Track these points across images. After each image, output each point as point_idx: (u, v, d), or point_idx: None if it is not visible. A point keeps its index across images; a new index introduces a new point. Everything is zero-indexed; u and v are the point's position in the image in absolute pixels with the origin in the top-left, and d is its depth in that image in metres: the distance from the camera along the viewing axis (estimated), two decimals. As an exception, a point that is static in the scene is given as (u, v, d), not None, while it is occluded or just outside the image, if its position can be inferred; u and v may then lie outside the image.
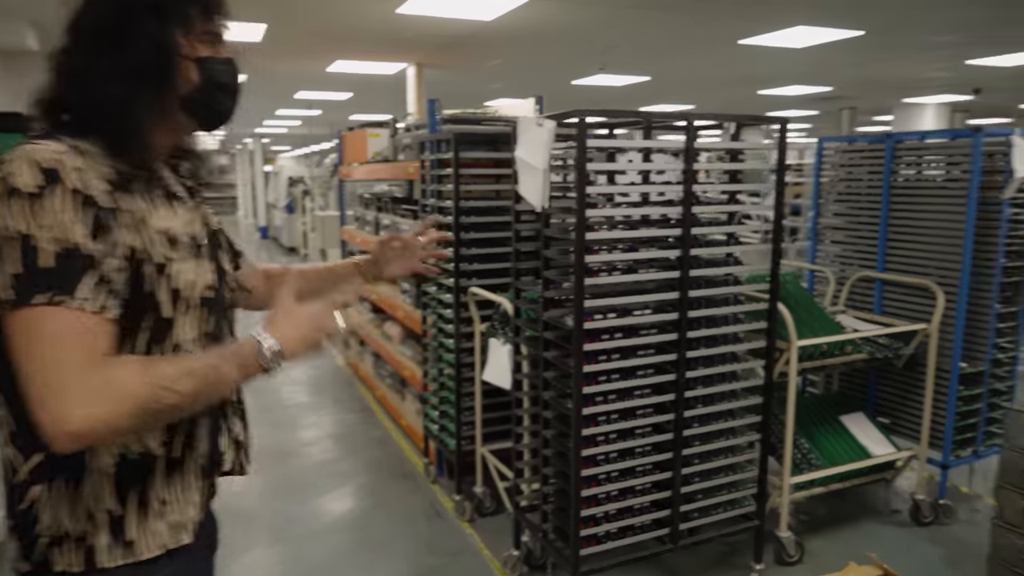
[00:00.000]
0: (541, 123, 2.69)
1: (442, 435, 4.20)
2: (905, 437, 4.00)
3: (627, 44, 6.94)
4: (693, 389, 2.94)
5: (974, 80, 9.45)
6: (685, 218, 2.78)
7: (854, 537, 3.69)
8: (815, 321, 3.58)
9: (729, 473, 3.13)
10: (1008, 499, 2.86)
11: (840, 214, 4.38)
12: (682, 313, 2.84)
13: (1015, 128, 3.61)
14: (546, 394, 2.96)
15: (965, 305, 3.69)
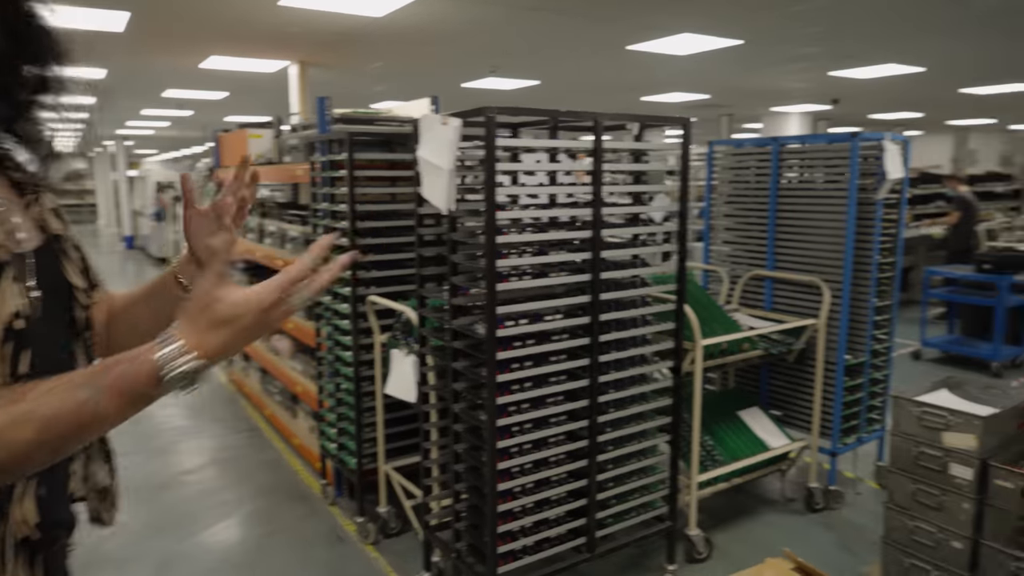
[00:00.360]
0: (446, 122, 2.55)
1: (341, 453, 3.95)
2: (796, 428, 4.17)
3: (519, 47, 6.92)
4: (606, 393, 2.90)
5: (833, 91, 10.20)
6: (594, 220, 2.73)
7: (756, 528, 3.80)
8: (715, 320, 3.65)
9: (642, 476, 3.11)
10: (898, 483, 3.00)
11: (730, 215, 4.53)
12: (594, 317, 2.78)
13: (885, 133, 3.85)
14: (456, 406, 2.82)
15: (848, 300, 3.89)
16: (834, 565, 3.43)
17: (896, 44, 6.64)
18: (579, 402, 2.82)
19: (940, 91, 10.01)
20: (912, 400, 2.93)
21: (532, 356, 2.70)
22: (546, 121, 2.92)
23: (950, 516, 2.83)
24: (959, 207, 8.64)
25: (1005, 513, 2.66)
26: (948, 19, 5.51)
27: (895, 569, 3.03)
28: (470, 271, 2.76)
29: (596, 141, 2.66)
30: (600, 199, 2.71)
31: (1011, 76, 8.87)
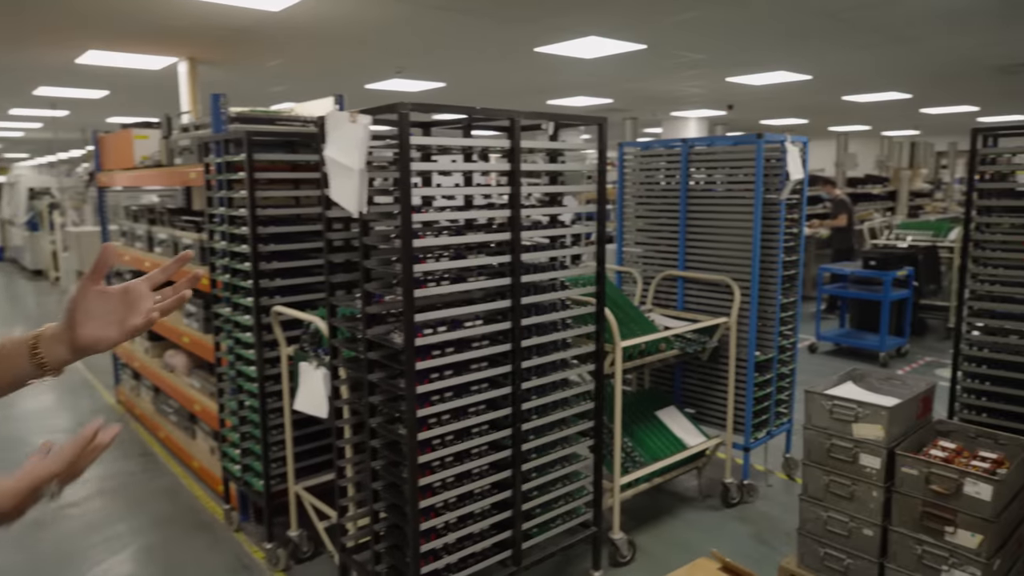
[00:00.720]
0: (355, 119, 2.39)
1: (246, 475, 3.68)
2: (710, 425, 4.25)
3: (425, 47, 6.78)
4: (529, 400, 2.81)
5: (728, 97, 10.64)
6: (513, 222, 2.64)
7: (676, 527, 3.82)
8: (632, 322, 3.65)
9: (566, 483, 3.05)
10: (812, 475, 3.08)
11: (642, 216, 4.57)
12: (515, 322, 2.70)
13: (786, 135, 3.98)
14: (373, 421, 2.66)
15: (756, 298, 3.99)
16: (753, 558, 3.49)
17: (785, 53, 6.96)
18: (502, 411, 2.72)
19: (824, 98, 10.64)
20: (823, 394, 3.02)
21: (452, 365, 2.58)
22: (461, 120, 2.81)
23: (861, 505, 2.92)
24: (842, 209, 9.18)
25: (911, 499, 2.77)
26: (829, 31, 5.82)
27: (811, 559, 3.11)
28: (384, 277, 2.61)
29: (513, 140, 2.58)
30: (518, 200, 2.63)
31: (886, 86, 9.53)
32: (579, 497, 3.12)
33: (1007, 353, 3.57)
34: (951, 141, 16.44)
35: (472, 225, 2.85)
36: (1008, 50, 6.79)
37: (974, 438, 3.06)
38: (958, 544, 2.67)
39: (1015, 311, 3.55)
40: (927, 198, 14.84)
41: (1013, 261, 3.56)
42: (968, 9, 5.17)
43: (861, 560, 2.94)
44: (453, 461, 2.63)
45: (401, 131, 2.26)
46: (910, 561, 2.80)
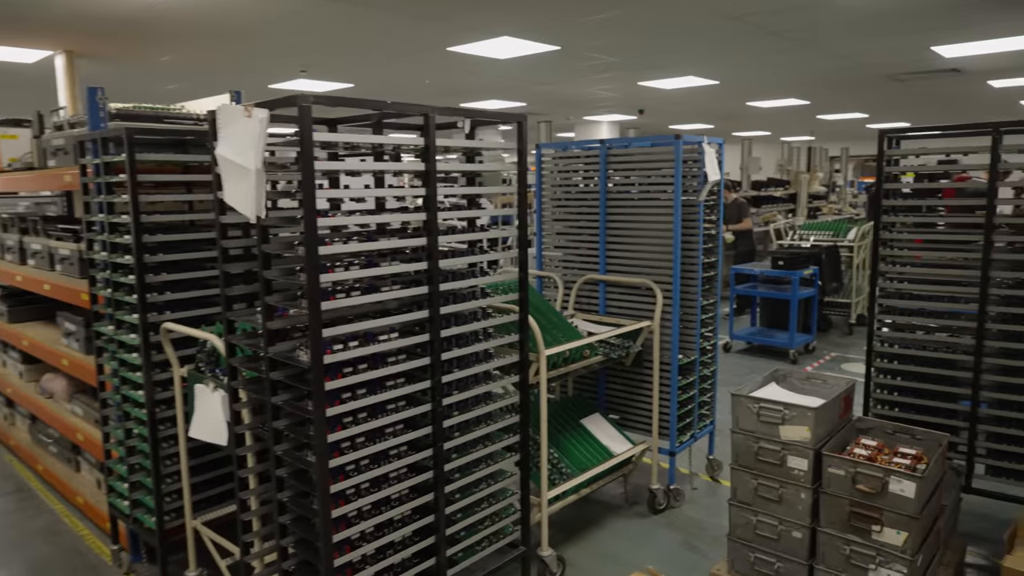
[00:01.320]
0: (250, 113, 2.14)
1: (137, 512, 3.31)
2: (634, 431, 4.18)
3: (332, 45, 6.47)
4: (450, 417, 2.63)
5: (640, 101, 10.81)
6: (429, 225, 2.45)
7: (604, 538, 3.72)
8: (556, 328, 3.53)
9: (492, 502, 2.88)
10: (741, 480, 3.04)
11: (561, 219, 4.46)
12: (434, 334, 2.50)
13: (703, 136, 3.97)
14: (278, 447, 2.40)
15: (679, 300, 3.95)
16: (684, 566, 3.43)
17: (695, 57, 7.08)
18: (422, 430, 2.52)
19: (730, 104, 10.97)
20: (750, 397, 2.98)
21: (366, 383, 2.36)
22: (370, 117, 2.59)
23: (790, 507, 2.89)
24: (744, 212, 9.46)
25: (838, 500, 2.76)
26: (737, 35, 5.94)
27: (741, 564, 3.06)
28: (288, 288, 2.36)
29: (428, 138, 2.39)
30: (435, 202, 2.44)
31: (787, 92, 9.91)
32: (506, 516, 2.95)
33: (915, 348, 3.66)
34: (843, 146, 17.38)
35: (384, 230, 2.64)
36: (899, 59, 7.15)
37: (892, 434, 3.10)
38: (884, 542, 2.67)
39: (921, 307, 3.65)
40: (823, 200, 15.60)
41: (915, 259, 3.66)
42: (867, 18, 5.37)
43: (791, 563, 2.91)
44: (369, 488, 2.41)
45: (303, 126, 2.03)
46: (838, 561, 2.79)
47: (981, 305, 3.40)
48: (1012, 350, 3.38)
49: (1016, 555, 2.72)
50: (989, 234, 3.35)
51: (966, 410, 3.50)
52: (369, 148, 2.61)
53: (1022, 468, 3.41)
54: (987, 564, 3.42)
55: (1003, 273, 3.42)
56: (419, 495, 2.55)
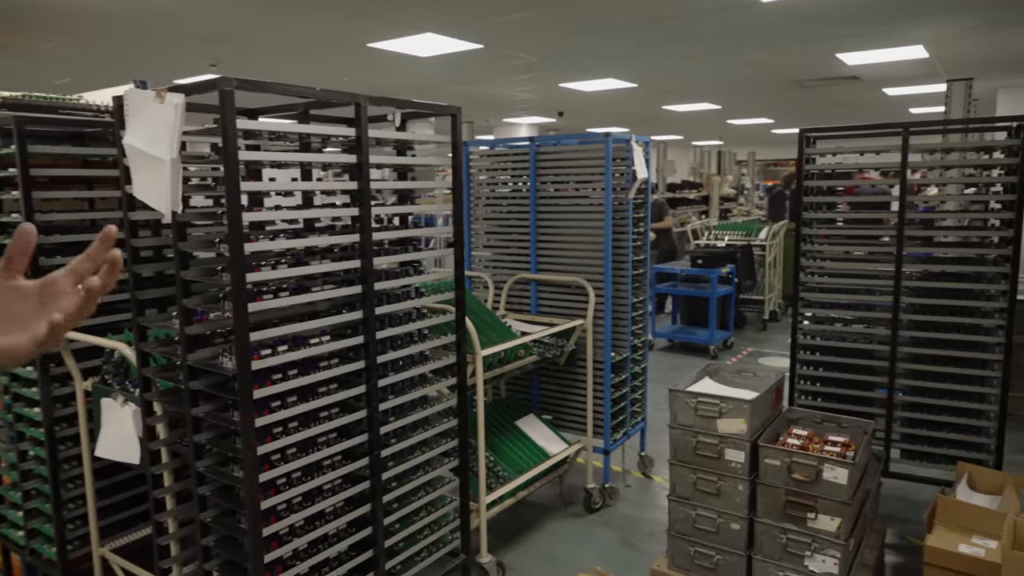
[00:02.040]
0: (163, 97, 1.96)
1: (33, 542, 2.99)
2: (568, 430, 4.15)
3: (244, 39, 6.15)
4: (387, 424, 2.50)
5: (559, 104, 10.89)
6: (363, 221, 2.32)
7: (542, 540, 3.67)
8: (491, 329, 3.45)
9: (431, 510, 2.77)
10: (679, 475, 3.04)
11: (490, 219, 4.39)
12: (369, 335, 2.37)
13: (631, 134, 3.99)
14: (200, 463, 2.21)
15: (611, 299, 3.96)
16: (623, 564, 3.41)
17: (615, 59, 7.18)
18: (357, 438, 2.39)
19: (647, 108, 11.22)
20: (688, 392, 2.99)
21: (297, 390, 2.21)
22: (295, 107, 2.44)
23: (728, 500, 2.92)
24: (665, 212, 9.70)
25: (775, 490, 2.80)
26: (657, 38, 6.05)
27: (681, 559, 3.07)
28: (208, 290, 2.18)
29: (360, 128, 2.27)
30: (368, 197, 2.31)
31: (701, 96, 10.22)
32: (445, 524, 2.84)
33: (836, 340, 3.80)
34: (750, 151, 18.18)
35: (314, 227, 2.49)
36: (806, 65, 7.48)
37: (820, 423, 3.19)
38: (819, 529, 2.73)
39: (840, 300, 3.79)
40: (733, 202, 16.25)
41: (830, 254, 3.80)
42: (782, 24, 5.57)
43: (730, 555, 2.94)
44: (302, 503, 2.25)
45: (225, 112, 1.87)
46: (775, 550, 2.83)
47: (895, 298, 3.55)
48: (923, 339, 3.55)
49: (937, 534, 2.84)
50: (901, 230, 3.51)
51: (883, 398, 3.66)
52: (295, 138, 2.45)
53: (934, 451, 3.59)
54: (906, 544, 3.58)
55: (913, 267, 3.59)
56: (355, 507, 2.41)
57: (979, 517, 2.89)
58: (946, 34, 5.97)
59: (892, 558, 3.42)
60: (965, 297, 3.48)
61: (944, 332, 3.50)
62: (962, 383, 3.48)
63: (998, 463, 3.44)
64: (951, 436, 3.53)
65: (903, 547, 3.55)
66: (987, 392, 3.45)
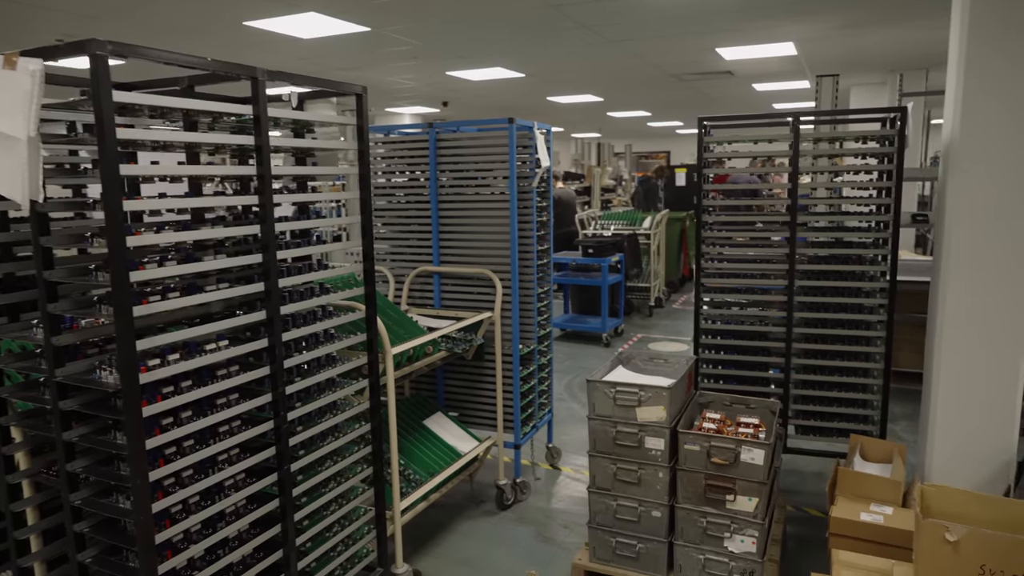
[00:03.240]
0: (15, 63, 1.63)
1: None
2: (476, 426, 4.04)
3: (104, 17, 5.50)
4: (295, 434, 2.27)
5: (445, 93, 10.68)
6: (265, 211, 2.07)
7: (456, 542, 3.52)
8: (398, 325, 3.26)
9: (345, 524, 2.55)
10: (599, 466, 3.01)
11: (388, 209, 4.17)
12: (274, 338, 2.13)
13: (533, 121, 3.91)
14: (76, 496, 1.89)
15: (517, 290, 3.86)
16: (542, 560, 3.34)
17: (503, 48, 7.09)
18: (263, 453, 2.14)
19: (532, 99, 11.25)
20: (606, 382, 2.95)
21: (191, 404, 1.94)
22: (177, 80, 2.14)
23: (648, 488, 2.91)
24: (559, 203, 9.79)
25: (694, 475, 2.82)
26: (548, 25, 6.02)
27: (603, 551, 3.04)
28: (81, 292, 1.86)
29: (258, 106, 2.01)
30: (269, 183, 2.06)
31: (585, 88, 10.37)
32: (360, 537, 2.64)
33: (735, 324, 3.91)
34: (627, 143, 18.78)
35: (204, 218, 2.21)
36: (687, 59, 7.74)
37: (730, 406, 3.26)
38: (738, 510, 2.77)
39: (739, 286, 3.90)
40: (612, 193, 16.73)
41: (727, 241, 3.91)
42: (668, 17, 5.69)
43: (651, 542, 2.94)
44: (202, 531, 1.99)
45: (98, 80, 1.58)
46: (696, 535, 2.85)
47: (789, 281, 3.70)
48: (814, 320, 3.72)
49: (839, 505, 2.97)
50: (794, 216, 3.65)
51: (779, 377, 3.81)
52: (177, 120, 2.16)
53: (826, 425, 3.78)
54: (803, 515, 3.75)
55: (806, 250, 3.76)
56: (263, 529, 2.16)
57: (875, 486, 3.05)
58: (814, 32, 6.35)
59: (793, 528, 3.57)
60: (851, 279, 3.67)
61: (833, 312, 3.69)
62: (850, 360, 3.68)
63: (882, 433, 3.68)
64: (841, 411, 3.73)
65: (801, 518, 3.71)
66: (872, 367, 3.67)
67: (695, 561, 2.86)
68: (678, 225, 10.03)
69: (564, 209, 9.77)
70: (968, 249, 2.93)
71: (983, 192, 2.87)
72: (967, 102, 2.87)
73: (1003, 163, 2.83)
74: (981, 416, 3.03)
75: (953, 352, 3.03)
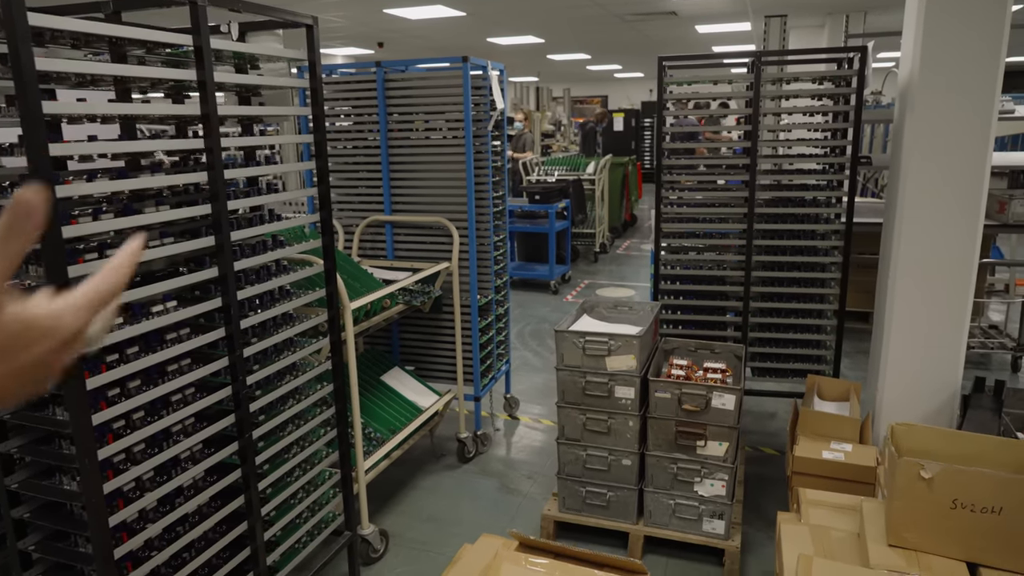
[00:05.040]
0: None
1: None
2: (435, 380, 3.94)
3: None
4: (256, 400, 2.11)
5: (380, 33, 10.17)
6: (212, 156, 1.85)
7: (419, 499, 3.45)
8: (355, 279, 3.08)
9: (311, 489, 2.43)
10: (568, 417, 2.95)
11: (335, 155, 3.93)
12: (229, 297, 1.94)
13: (487, 61, 3.70)
14: (12, 479, 1.69)
15: (475, 239, 3.72)
16: (508, 511, 3.30)
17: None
18: (222, 422, 1.98)
19: (472, 39, 10.85)
20: (575, 332, 2.87)
21: (140, 373, 1.75)
22: (98, 4, 1.86)
23: (619, 437, 2.88)
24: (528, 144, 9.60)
25: (665, 422, 2.80)
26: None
27: (573, 500, 3.02)
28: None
29: (199, 36, 1.77)
30: (217, 126, 1.84)
31: (528, 29, 10.05)
32: (326, 502, 2.52)
33: (694, 269, 3.89)
34: (565, 87, 18.50)
35: (140, 164, 1.97)
36: None
37: (695, 351, 3.25)
38: (708, 455, 2.78)
39: (697, 230, 3.87)
40: (552, 138, 16.53)
41: (685, 185, 3.86)
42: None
43: (622, 491, 2.93)
44: (159, 508, 1.83)
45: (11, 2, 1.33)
46: (666, 481, 2.86)
47: (748, 225, 3.68)
48: (771, 263, 3.74)
49: (802, 444, 3.03)
50: (754, 161, 3.60)
51: (738, 321, 3.83)
52: (102, 51, 1.89)
53: (783, 367, 3.85)
54: (760, 454, 3.83)
55: (764, 194, 3.74)
56: (226, 501, 2.02)
57: (835, 424, 3.12)
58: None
59: (751, 468, 3.64)
60: (806, 222, 3.68)
61: (789, 256, 3.70)
62: (805, 303, 3.72)
63: (836, 372, 3.76)
64: (797, 351, 3.79)
65: (758, 457, 3.80)
66: (826, 308, 3.72)
67: (665, 506, 2.87)
68: (620, 170, 9.99)
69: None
70: (923, 189, 2.95)
71: (940, 130, 2.88)
72: (927, 37, 2.84)
73: (962, 100, 2.83)
74: (930, 354, 3.12)
75: (905, 293, 3.08)
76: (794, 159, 3.86)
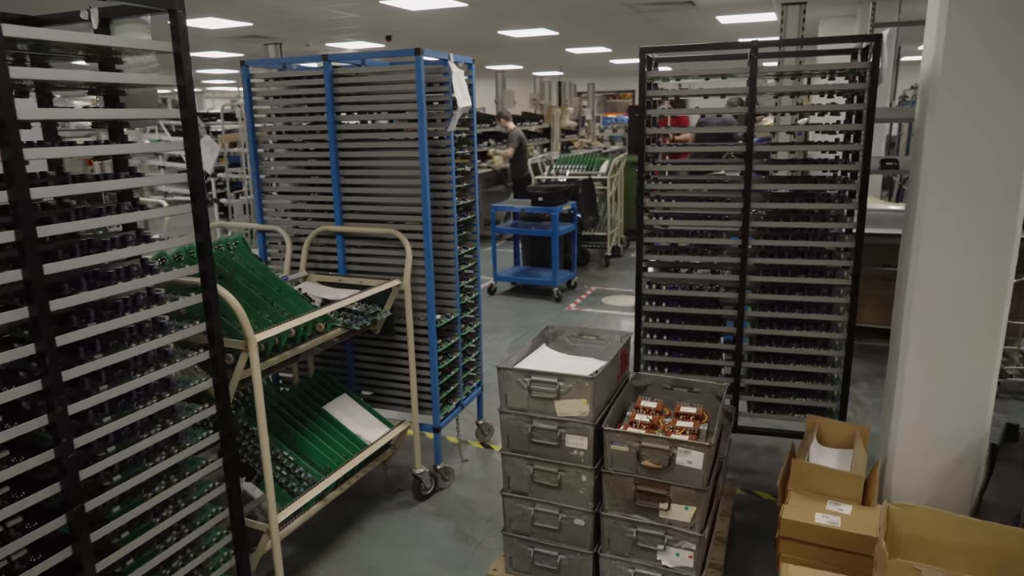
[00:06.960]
0: None
1: None
2: (392, 407, 3.57)
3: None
4: (97, 462, 1.75)
5: (386, 26, 9.84)
6: (11, 170, 1.49)
7: (363, 544, 3.08)
8: (275, 300, 2.71)
9: (192, 555, 2.07)
10: (514, 467, 2.55)
11: (285, 159, 3.57)
12: (44, 344, 1.58)
13: (448, 53, 3.31)
14: None
15: (431, 252, 3.33)
16: (457, 563, 2.91)
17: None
18: (45, 491, 1.62)
19: (481, 31, 10.45)
20: (519, 371, 2.46)
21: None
22: None
23: (570, 493, 2.47)
24: (513, 142, 9.17)
25: (623, 479, 2.38)
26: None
27: (520, 561, 2.62)
28: None
29: (-15, 21, 1.41)
30: (16, 131, 1.48)
31: (538, 21, 9.61)
32: (215, 569, 2.16)
33: (682, 288, 3.44)
34: (590, 82, 17.97)
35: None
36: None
37: (670, 389, 2.81)
38: (672, 520, 2.35)
39: (681, 243, 3.42)
40: (574, 135, 16.03)
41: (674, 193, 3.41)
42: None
43: (574, 554, 2.51)
44: (-56, 605, 1.48)
45: None
46: (625, 546, 2.44)
47: (743, 238, 3.22)
48: (769, 284, 3.27)
49: (792, 504, 2.58)
50: (749, 164, 3.14)
51: (732, 348, 3.37)
52: None
53: (781, 402, 3.38)
54: (755, 499, 3.37)
55: (760, 205, 3.27)
56: (51, 588, 1.67)
57: (833, 481, 2.65)
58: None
59: (742, 515, 3.20)
60: (812, 238, 3.20)
61: (791, 276, 3.23)
62: (809, 329, 3.25)
63: (842, 412, 3.28)
64: (798, 385, 3.32)
65: (752, 503, 3.34)
66: (833, 337, 3.24)
67: (624, 575, 2.45)
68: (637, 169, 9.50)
69: (519, 153, 9.18)
70: (946, 201, 2.47)
71: (965, 133, 2.39)
72: (952, 27, 2.35)
73: (989, 99, 2.34)
74: (953, 392, 2.63)
75: (925, 320, 2.60)
76: (798, 165, 3.38)
